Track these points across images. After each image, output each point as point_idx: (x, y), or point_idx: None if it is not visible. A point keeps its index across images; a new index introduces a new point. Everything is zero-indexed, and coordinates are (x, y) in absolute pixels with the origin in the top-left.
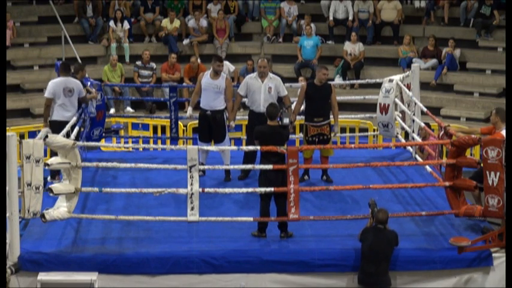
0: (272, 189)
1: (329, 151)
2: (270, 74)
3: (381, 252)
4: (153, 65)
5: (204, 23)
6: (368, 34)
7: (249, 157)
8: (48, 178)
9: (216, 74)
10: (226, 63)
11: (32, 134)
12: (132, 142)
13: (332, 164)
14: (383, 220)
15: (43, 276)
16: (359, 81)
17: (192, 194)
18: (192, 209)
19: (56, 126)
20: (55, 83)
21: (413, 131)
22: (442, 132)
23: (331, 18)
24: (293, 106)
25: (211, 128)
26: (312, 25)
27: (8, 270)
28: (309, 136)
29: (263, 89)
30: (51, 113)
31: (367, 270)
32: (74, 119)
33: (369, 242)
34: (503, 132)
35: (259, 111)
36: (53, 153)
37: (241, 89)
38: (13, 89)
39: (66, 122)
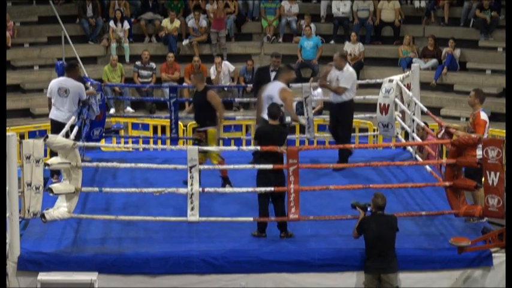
0: (272, 188)
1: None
2: (345, 67)
3: (387, 237)
4: (153, 65)
5: (203, 23)
6: (367, 33)
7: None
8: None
9: None
10: (226, 63)
11: (32, 134)
12: (132, 142)
13: (332, 164)
14: (382, 205)
15: (43, 276)
16: (359, 81)
17: (192, 194)
18: (192, 209)
19: (52, 125)
20: (52, 82)
21: (413, 131)
22: (442, 132)
23: (334, 15)
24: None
25: None
26: (312, 25)
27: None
28: None
29: (334, 79)
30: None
31: (375, 258)
32: (73, 118)
33: (374, 230)
34: (483, 114)
35: (330, 100)
36: (53, 154)
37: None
38: (13, 89)
39: (59, 122)
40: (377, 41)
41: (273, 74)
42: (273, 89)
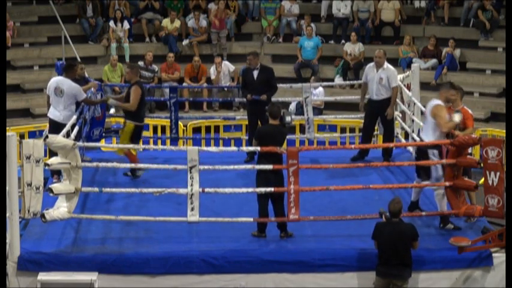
0: (272, 189)
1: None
2: (385, 65)
3: (399, 247)
4: (155, 67)
5: (203, 23)
6: (367, 33)
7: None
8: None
9: None
10: (226, 63)
11: (32, 134)
12: None
13: (332, 164)
14: (395, 211)
15: (43, 276)
16: (359, 81)
17: (192, 194)
18: (192, 209)
19: (49, 124)
20: (51, 80)
21: (413, 131)
22: None
23: (334, 15)
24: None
25: None
26: (313, 25)
27: None
28: None
29: (376, 78)
30: None
31: (386, 265)
32: (74, 118)
33: (386, 237)
34: (467, 108)
35: (372, 98)
36: (53, 154)
37: (363, 77)
38: (13, 89)
39: (55, 121)
40: (377, 41)
41: (255, 72)
42: (429, 107)
